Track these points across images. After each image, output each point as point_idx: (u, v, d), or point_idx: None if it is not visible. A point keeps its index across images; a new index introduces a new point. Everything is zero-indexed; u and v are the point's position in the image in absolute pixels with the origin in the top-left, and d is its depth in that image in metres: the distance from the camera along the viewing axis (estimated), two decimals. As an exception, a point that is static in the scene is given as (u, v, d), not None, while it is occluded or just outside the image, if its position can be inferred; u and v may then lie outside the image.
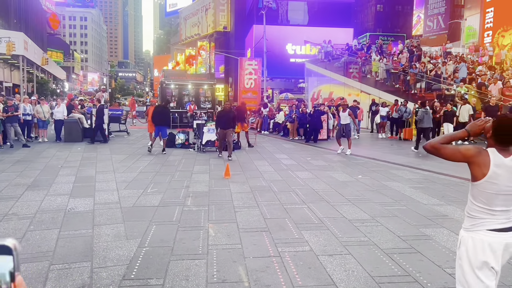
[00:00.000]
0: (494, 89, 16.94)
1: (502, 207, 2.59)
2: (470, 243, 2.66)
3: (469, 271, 2.67)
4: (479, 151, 2.60)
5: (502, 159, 2.55)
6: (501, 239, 2.59)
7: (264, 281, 4.00)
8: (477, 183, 2.61)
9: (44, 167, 10.24)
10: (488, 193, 2.58)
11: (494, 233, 2.60)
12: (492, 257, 2.60)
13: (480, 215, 2.63)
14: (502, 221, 2.60)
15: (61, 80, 60.32)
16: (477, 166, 2.59)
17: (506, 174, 2.54)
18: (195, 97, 25.20)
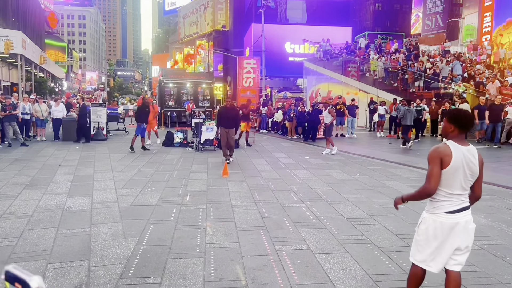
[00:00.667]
0: (492, 88, 16.96)
1: (460, 191, 3.00)
2: (431, 223, 3.05)
3: (425, 247, 3.07)
4: (442, 147, 2.99)
5: (460, 147, 2.98)
6: (457, 219, 2.99)
7: (262, 279, 4.01)
8: (444, 170, 2.96)
9: (42, 166, 10.23)
10: (450, 178, 2.96)
11: (451, 215, 2.99)
12: (450, 236, 2.99)
13: (441, 198, 3.02)
14: (457, 203, 3.01)
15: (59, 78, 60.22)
16: (445, 157, 2.96)
17: (463, 162, 2.95)
18: (194, 96, 25.20)
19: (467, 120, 3.05)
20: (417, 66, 21.90)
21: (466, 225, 3.02)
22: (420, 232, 3.13)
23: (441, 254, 3.04)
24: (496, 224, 5.86)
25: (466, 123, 3.03)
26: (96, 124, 16.45)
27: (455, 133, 3.04)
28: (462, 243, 3.03)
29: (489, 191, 8.02)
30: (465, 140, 3.04)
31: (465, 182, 3.00)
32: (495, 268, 4.34)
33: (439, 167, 2.96)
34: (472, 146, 3.05)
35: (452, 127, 3.05)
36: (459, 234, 3.00)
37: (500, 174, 9.76)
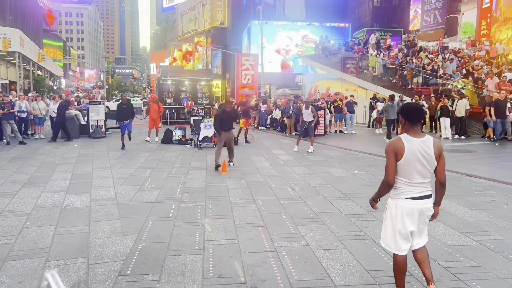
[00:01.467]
0: (490, 84, 16.96)
1: (419, 180, 3.25)
2: (394, 208, 3.33)
3: (390, 230, 3.36)
4: (395, 141, 3.25)
5: (413, 139, 3.21)
6: (417, 205, 3.26)
7: (260, 276, 4.02)
8: (399, 162, 3.21)
9: (40, 164, 10.22)
10: (406, 169, 3.22)
11: (411, 200, 3.26)
12: (410, 220, 3.27)
13: (402, 186, 3.28)
14: (418, 191, 3.26)
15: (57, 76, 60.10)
16: (398, 150, 3.20)
17: (417, 153, 3.19)
18: (192, 93, 25.16)
19: (413, 113, 3.27)
20: (415, 63, 21.87)
21: (423, 211, 3.29)
22: (386, 217, 3.41)
23: (404, 236, 3.32)
24: (494, 220, 5.87)
25: (412, 116, 3.26)
26: (95, 122, 16.42)
27: (406, 126, 3.28)
28: (418, 227, 3.33)
29: (487, 186, 8.04)
30: (420, 132, 3.26)
31: (423, 171, 3.23)
32: (493, 263, 4.35)
33: (394, 160, 3.21)
34: (428, 137, 3.26)
35: (403, 120, 3.31)
36: (416, 219, 3.29)
37: (498, 170, 9.77)
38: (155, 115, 15.54)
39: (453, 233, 5.29)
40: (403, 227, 3.30)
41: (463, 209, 6.40)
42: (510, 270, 4.18)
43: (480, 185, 8.18)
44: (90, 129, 16.31)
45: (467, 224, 5.65)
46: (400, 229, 3.31)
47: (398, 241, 3.35)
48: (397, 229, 3.33)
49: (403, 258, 3.39)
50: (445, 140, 15.39)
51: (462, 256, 4.52)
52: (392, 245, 3.38)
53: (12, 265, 4.25)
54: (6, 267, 4.20)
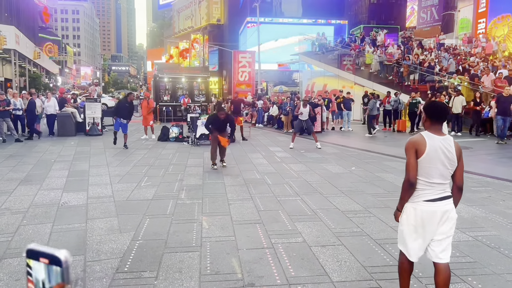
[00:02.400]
0: (486, 80, 17.01)
1: (439, 180, 3.06)
2: (412, 212, 3.11)
3: (408, 235, 3.15)
4: (416, 137, 3.11)
5: (435, 137, 3.07)
6: (437, 207, 3.05)
7: (257, 272, 4.03)
8: (419, 159, 3.05)
9: (37, 162, 10.19)
10: (427, 167, 3.04)
11: (430, 203, 3.06)
12: (429, 225, 3.06)
13: (420, 187, 3.08)
14: (438, 192, 3.07)
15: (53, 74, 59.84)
16: (419, 147, 3.05)
17: (439, 151, 3.03)
18: (189, 90, 25.11)
19: (438, 111, 3.16)
20: (412, 59, 21.90)
21: (445, 214, 3.06)
22: (402, 222, 3.20)
23: (421, 242, 3.12)
24: (490, 215, 5.91)
25: (436, 114, 3.14)
26: (91, 119, 16.38)
27: (428, 123, 3.17)
28: (439, 233, 3.08)
29: (483, 182, 8.07)
30: (441, 130, 3.15)
31: (444, 171, 3.06)
32: (489, 259, 4.37)
33: (415, 157, 3.06)
34: (448, 136, 3.14)
35: (425, 117, 3.20)
36: (437, 223, 3.05)
37: (495, 166, 9.82)
38: (145, 112, 15.64)
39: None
40: (423, 233, 3.08)
41: (460, 205, 6.40)
42: (506, 266, 4.21)
43: (476, 181, 8.22)
44: (87, 126, 16.26)
45: (463, 220, 5.68)
46: (416, 234, 3.10)
47: (413, 247, 3.15)
48: (413, 234, 3.12)
49: (410, 261, 3.25)
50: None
51: (458, 252, 4.55)
52: (410, 252, 3.19)
53: (9, 263, 4.24)
54: (3, 265, 4.19)
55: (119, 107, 13.36)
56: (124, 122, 12.69)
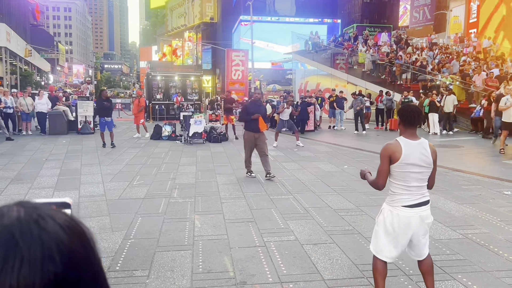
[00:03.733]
0: (478, 80, 17.15)
1: (416, 183, 3.10)
2: (388, 215, 3.15)
3: (382, 238, 3.19)
4: (392, 144, 3.14)
5: (411, 142, 3.10)
6: (415, 213, 3.09)
7: (249, 270, 4.04)
8: (395, 164, 3.08)
9: (28, 160, 10.11)
10: (403, 172, 3.07)
11: (408, 208, 3.09)
12: (406, 230, 3.10)
13: (398, 191, 3.12)
14: (416, 197, 3.11)
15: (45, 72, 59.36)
16: (393, 153, 3.09)
17: (415, 155, 3.06)
18: (182, 88, 25.04)
19: (410, 116, 3.15)
20: (404, 58, 22.03)
21: (422, 219, 3.12)
22: (378, 222, 3.25)
23: (395, 245, 3.17)
24: (480, 214, 5.96)
25: (410, 119, 3.15)
26: (83, 118, 16.27)
27: (402, 128, 3.18)
28: (416, 237, 3.15)
29: (474, 181, 8.15)
30: (416, 135, 3.18)
31: (421, 175, 3.10)
32: (479, 257, 4.42)
33: (387, 164, 3.12)
34: (423, 139, 3.18)
35: (401, 123, 3.21)
36: (413, 229, 3.11)
37: (485, 165, 9.91)
38: (135, 110, 15.66)
39: (440, 227, 5.36)
40: (398, 237, 3.14)
41: (450, 203, 6.49)
42: (496, 263, 4.25)
43: (467, 179, 8.29)
44: (79, 125, 16.16)
45: (454, 218, 5.73)
46: (394, 238, 3.15)
47: (391, 250, 3.19)
48: (390, 237, 3.16)
49: (384, 263, 3.28)
50: (433, 136, 15.53)
51: (448, 250, 4.59)
52: (385, 254, 3.22)
53: None
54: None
55: (99, 106, 13.04)
56: (108, 120, 12.57)
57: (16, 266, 0.48)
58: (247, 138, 8.27)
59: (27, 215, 0.53)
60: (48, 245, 0.51)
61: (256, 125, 8.14)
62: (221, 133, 14.48)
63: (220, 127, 14.85)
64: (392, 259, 3.27)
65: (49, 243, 0.51)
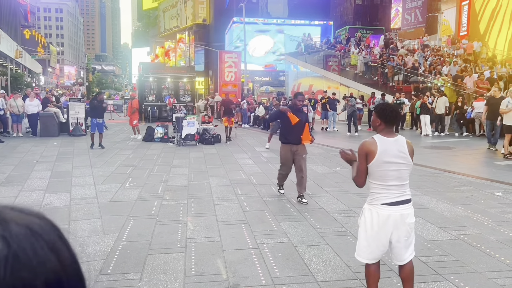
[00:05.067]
0: (469, 82, 17.30)
1: (395, 182, 3.03)
2: (368, 215, 3.11)
3: (363, 239, 3.15)
4: (368, 142, 3.10)
5: (386, 140, 3.07)
6: (395, 212, 3.02)
7: (242, 272, 4.02)
8: (371, 163, 3.04)
9: (18, 162, 10.01)
10: (381, 170, 3.02)
11: (388, 206, 3.02)
12: (386, 228, 3.03)
13: (377, 191, 3.06)
14: (396, 195, 3.03)
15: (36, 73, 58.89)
16: (370, 152, 3.04)
17: (391, 152, 3.03)
18: (175, 90, 24.97)
19: (393, 115, 3.14)
20: (396, 60, 22.17)
21: (402, 218, 3.03)
22: (360, 224, 3.20)
23: (376, 245, 3.09)
24: (472, 214, 6.00)
25: (392, 118, 3.12)
26: (75, 119, 16.15)
27: (382, 127, 3.12)
28: (396, 237, 3.05)
29: (466, 182, 8.20)
30: (393, 132, 3.15)
31: (399, 172, 3.04)
32: (471, 257, 4.44)
33: (365, 162, 3.07)
34: (400, 136, 3.14)
35: (379, 121, 3.13)
36: (393, 227, 3.02)
37: (477, 166, 9.98)
38: (128, 112, 15.67)
39: (432, 228, 5.38)
40: (377, 236, 3.06)
41: (442, 204, 6.52)
42: (487, 264, 4.28)
43: (459, 181, 8.34)
44: (70, 127, 16.04)
45: (446, 219, 5.75)
46: (374, 238, 3.08)
47: (372, 251, 3.13)
48: (370, 237, 3.10)
49: (376, 266, 3.21)
50: (425, 137, 15.63)
51: (441, 251, 4.60)
52: (365, 255, 3.17)
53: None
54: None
55: (92, 107, 13.02)
56: (100, 122, 12.59)
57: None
58: (284, 154, 6.73)
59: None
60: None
61: (297, 134, 6.65)
62: (214, 135, 14.44)
63: (212, 129, 14.81)
64: (373, 260, 3.17)
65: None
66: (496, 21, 25.68)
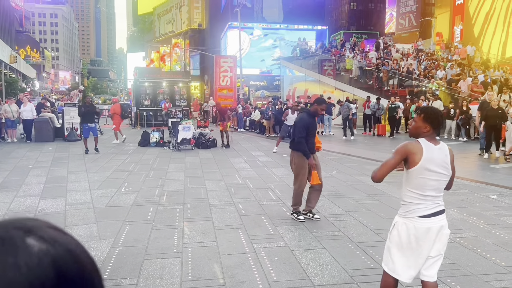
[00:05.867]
0: (463, 86, 17.41)
1: (433, 192, 2.82)
2: (403, 229, 2.83)
3: (398, 255, 2.85)
4: (413, 144, 2.83)
5: (432, 146, 2.83)
6: (432, 224, 2.80)
7: (239, 277, 4.01)
8: (412, 169, 2.80)
9: (13, 168, 9.95)
10: (420, 178, 2.79)
11: (425, 219, 2.80)
12: (426, 243, 2.78)
13: (413, 201, 2.82)
14: (432, 206, 2.82)
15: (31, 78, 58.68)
16: (412, 155, 2.79)
17: (436, 161, 2.79)
18: (170, 95, 24.95)
19: (438, 118, 2.93)
20: (391, 64, 22.29)
21: (441, 230, 2.84)
22: (392, 238, 2.91)
23: (413, 262, 2.84)
24: (468, 218, 6.02)
25: (437, 121, 2.90)
26: (70, 124, 16.09)
27: (429, 132, 2.87)
28: (434, 250, 2.85)
29: (461, 185, 8.23)
30: (436, 138, 2.92)
31: (439, 183, 2.84)
32: (467, 260, 4.45)
33: (398, 162, 2.84)
34: (443, 144, 2.92)
35: (427, 126, 2.86)
36: (433, 240, 2.80)
37: (472, 169, 10.03)
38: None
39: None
40: (417, 251, 2.78)
41: (438, 207, 6.53)
42: (483, 267, 4.29)
43: (454, 184, 8.32)
44: (65, 132, 15.97)
45: (442, 222, 5.77)
46: (413, 253, 2.79)
47: (410, 266, 2.82)
48: (408, 253, 2.80)
49: (395, 282, 2.94)
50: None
51: (437, 254, 4.61)
52: (406, 275, 2.85)
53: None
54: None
55: (82, 113, 12.93)
56: (92, 126, 12.60)
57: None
58: (303, 163, 5.91)
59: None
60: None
61: (313, 143, 6.05)
62: (210, 139, 14.43)
63: (208, 133, 14.80)
64: (411, 279, 2.88)
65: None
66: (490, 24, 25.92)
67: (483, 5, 26.66)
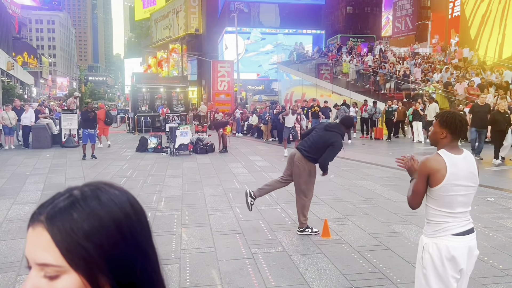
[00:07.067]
0: (460, 88, 17.49)
1: (462, 208, 2.55)
2: (434, 250, 2.54)
3: (435, 279, 2.55)
4: (433, 160, 2.52)
5: (455, 157, 2.51)
6: (465, 243, 2.53)
7: (238, 283, 4.01)
8: (437, 187, 2.50)
9: (11, 175, 9.93)
10: (448, 195, 2.50)
11: (457, 237, 2.52)
12: (458, 263, 2.52)
13: (443, 219, 2.54)
14: (463, 224, 2.55)
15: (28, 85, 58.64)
16: (435, 172, 2.49)
17: (462, 173, 2.50)
18: (168, 100, 24.99)
19: (463, 126, 2.56)
20: (387, 68, 22.38)
21: (471, 251, 2.56)
22: (425, 263, 2.57)
23: (450, 285, 2.54)
24: (465, 220, 6.03)
25: (461, 129, 2.55)
26: (67, 131, 16.07)
27: (447, 140, 2.54)
28: (463, 273, 2.58)
29: (458, 188, 8.25)
30: (458, 147, 2.59)
31: (467, 197, 2.55)
32: (465, 263, 4.45)
33: (425, 184, 2.54)
34: (467, 152, 2.59)
35: (444, 132, 2.54)
36: (465, 261, 2.54)
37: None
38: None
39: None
40: (450, 272, 2.51)
41: (436, 211, 6.54)
42: (481, 270, 4.30)
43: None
44: (63, 138, 15.96)
45: (439, 226, 5.78)
46: (447, 275, 2.51)
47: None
48: (443, 276, 2.52)
49: None
50: (417, 144, 15.74)
51: (435, 257, 4.62)
52: None
53: (-19, 281, 4.10)
54: (-26, 283, 4.05)
55: (83, 118, 13.00)
56: (91, 132, 12.64)
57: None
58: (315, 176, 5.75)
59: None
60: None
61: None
62: (208, 144, 14.44)
63: (206, 138, 14.80)
64: None
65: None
66: (487, 26, 26.07)
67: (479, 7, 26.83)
